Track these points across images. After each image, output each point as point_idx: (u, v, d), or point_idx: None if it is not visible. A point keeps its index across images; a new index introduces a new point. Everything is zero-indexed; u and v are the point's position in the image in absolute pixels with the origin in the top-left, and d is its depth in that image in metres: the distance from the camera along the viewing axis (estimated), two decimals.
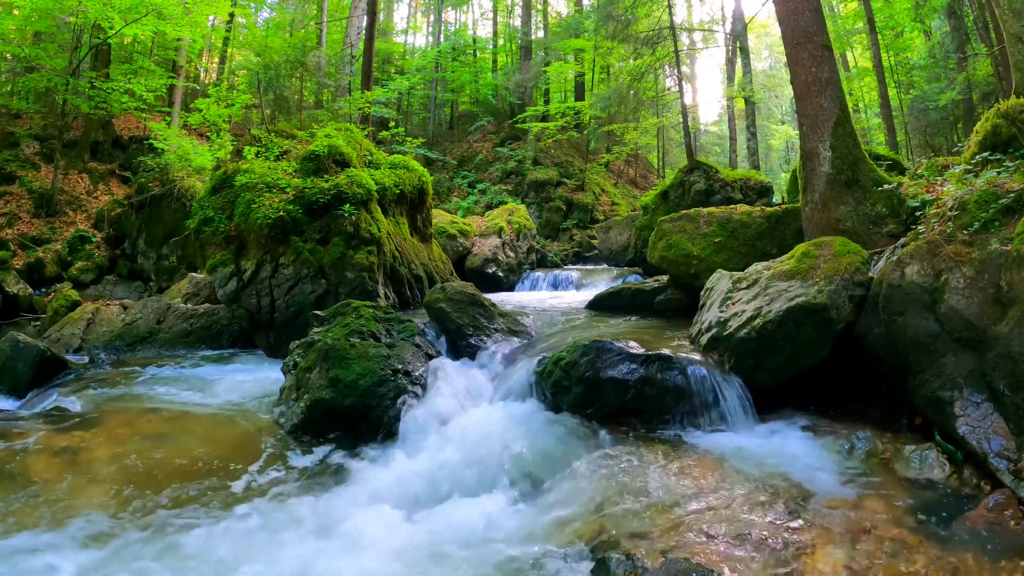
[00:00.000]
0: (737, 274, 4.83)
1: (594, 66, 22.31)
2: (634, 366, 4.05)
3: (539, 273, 12.48)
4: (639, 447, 3.63)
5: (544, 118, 20.08)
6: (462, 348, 5.49)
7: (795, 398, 4.09)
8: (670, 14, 13.19)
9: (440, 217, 12.12)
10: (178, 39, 15.02)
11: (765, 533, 2.63)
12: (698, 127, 28.73)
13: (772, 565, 2.42)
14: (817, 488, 3.03)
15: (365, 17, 16.30)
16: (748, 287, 4.52)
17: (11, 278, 10.48)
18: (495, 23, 28.59)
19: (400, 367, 4.57)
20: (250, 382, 5.70)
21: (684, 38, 18.53)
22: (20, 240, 11.61)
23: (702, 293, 5.24)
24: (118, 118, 15.22)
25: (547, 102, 22.89)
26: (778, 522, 2.71)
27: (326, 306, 5.90)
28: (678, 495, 3.02)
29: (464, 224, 12.57)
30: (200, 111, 11.63)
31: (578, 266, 14.91)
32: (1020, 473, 2.80)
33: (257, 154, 7.78)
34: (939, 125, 15.76)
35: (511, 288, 11.79)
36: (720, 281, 5.02)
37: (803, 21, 5.90)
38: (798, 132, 6.19)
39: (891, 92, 15.91)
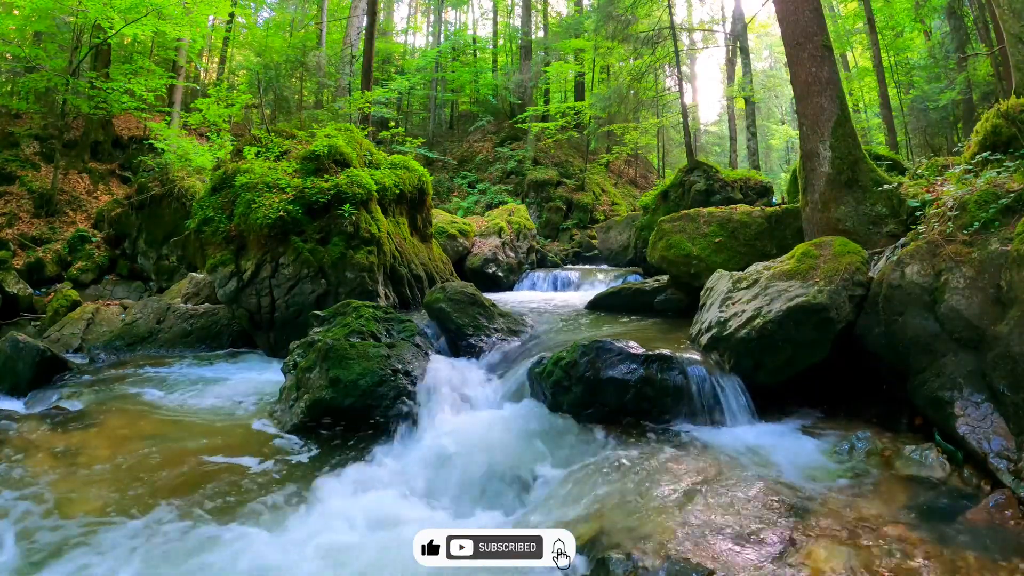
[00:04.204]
0: (737, 274, 4.83)
1: (594, 66, 22.30)
2: (634, 366, 4.05)
3: (539, 273, 12.48)
4: (639, 447, 3.63)
5: (544, 118, 20.07)
6: (462, 348, 5.49)
7: (795, 398, 4.09)
8: (670, 14, 13.20)
9: (440, 217, 12.12)
10: (178, 39, 15.03)
11: (765, 532, 2.62)
12: (698, 127, 28.73)
13: (772, 564, 2.42)
14: (817, 487, 3.04)
15: (365, 17, 16.30)
16: (748, 287, 4.52)
17: (11, 278, 10.48)
18: (495, 23, 28.60)
19: (400, 367, 4.57)
20: (250, 382, 5.70)
21: (684, 38, 18.53)
22: (20, 240, 11.61)
23: (702, 293, 5.24)
24: (118, 118, 15.23)
25: (547, 102, 22.89)
26: (778, 521, 2.71)
27: (326, 306, 5.90)
28: (678, 494, 3.02)
29: (464, 224, 12.56)
30: (200, 111, 11.65)
31: (578, 266, 14.90)
32: (1020, 473, 2.80)
33: (257, 154, 7.78)
34: (939, 125, 15.75)
35: (511, 288, 11.78)
36: (720, 281, 5.02)
37: (803, 21, 5.90)
38: (798, 132, 6.19)
39: (891, 92, 15.91)
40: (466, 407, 4.50)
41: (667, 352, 4.16)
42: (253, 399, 5.17)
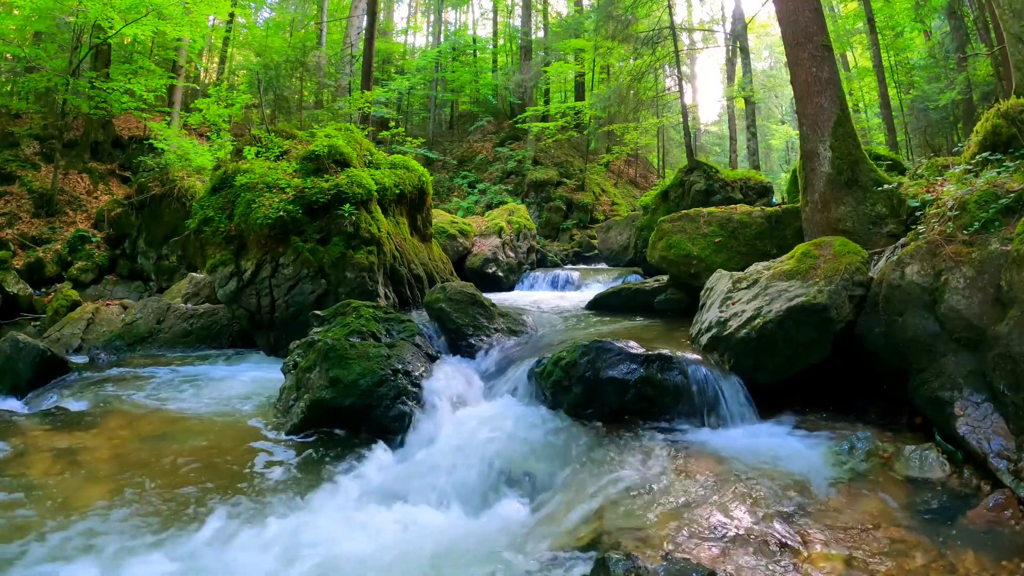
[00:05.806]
0: (737, 274, 4.83)
1: (594, 66, 22.31)
2: (634, 366, 4.05)
3: (539, 273, 12.48)
4: (639, 447, 3.63)
5: (544, 118, 20.08)
6: (462, 348, 5.49)
7: (795, 398, 4.09)
8: (670, 14, 13.20)
9: (440, 217, 12.11)
10: (178, 39, 15.03)
11: (765, 532, 2.62)
12: (698, 127, 28.73)
13: (772, 564, 2.42)
14: (817, 487, 3.03)
15: (365, 17, 16.31)
16: (748, 287, 4.52)
17: (11, 278, 10.48)
18: (495, 23, 28.60)
19: (400, 367, 4.56)
20: (250, 382, 5.70)
21: (684, 38, 18.53)
22: (20, 240, 11.61)
23: (702, 293, 5.24)
24: (118, 118, 15.22)
25: (547, 102, 22.90)
26: (778, 521, 2.71)
27: (326, 306, 5.90)
28: (678, 495, 3.02)
29: (464, 224, 12.56)
30: (200, 111, 11.65)
31: (578, 266, 14.90)
32: (1020, 473, 2.80)
33: (257, 154, 7.78)
34: (939, 125, 15.75)
35: (511, 288, 11.78)
36: (720, 281, 5.03)
37: (803, 21, 5.90)
38: (798, 132, 6.19)
39: (891, 92, 15.91)
40: (466, 407, 4.50)
41: (667, 352, 4.16)
42: (253, 399, 5.17)
